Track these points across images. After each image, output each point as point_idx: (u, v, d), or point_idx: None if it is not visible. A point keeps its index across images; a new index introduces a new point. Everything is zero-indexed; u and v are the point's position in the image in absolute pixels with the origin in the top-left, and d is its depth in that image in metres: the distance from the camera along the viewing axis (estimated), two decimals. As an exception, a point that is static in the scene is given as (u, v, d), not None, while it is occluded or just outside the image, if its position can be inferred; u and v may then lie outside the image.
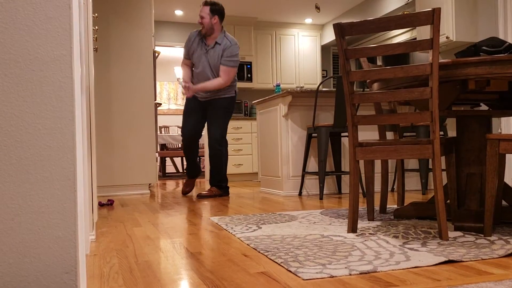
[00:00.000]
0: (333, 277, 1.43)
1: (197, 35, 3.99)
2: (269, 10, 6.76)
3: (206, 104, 4.05)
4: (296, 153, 4.09)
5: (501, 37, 4.38)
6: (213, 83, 3.86)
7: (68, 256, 1.09)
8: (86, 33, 2.05)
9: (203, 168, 8.56)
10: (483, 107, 3.99)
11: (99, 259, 1.78)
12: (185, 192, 4.34)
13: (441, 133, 3.99)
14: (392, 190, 4.20)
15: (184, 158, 4.25)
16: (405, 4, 5.58)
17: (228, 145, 4.36)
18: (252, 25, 7.03)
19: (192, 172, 4.27)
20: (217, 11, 3.84)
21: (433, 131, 1.93)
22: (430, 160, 4.05)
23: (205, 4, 3.85)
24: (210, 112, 4.01)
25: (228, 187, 4.17)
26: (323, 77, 7.67)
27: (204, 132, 6.76)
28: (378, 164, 4.14)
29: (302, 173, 3.95)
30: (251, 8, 6.64)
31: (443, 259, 1.57)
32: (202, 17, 3.83)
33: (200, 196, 4.01)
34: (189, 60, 4.11)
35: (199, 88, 3.89)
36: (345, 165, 4.20)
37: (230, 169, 6.38)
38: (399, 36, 6.02)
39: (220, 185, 4.10)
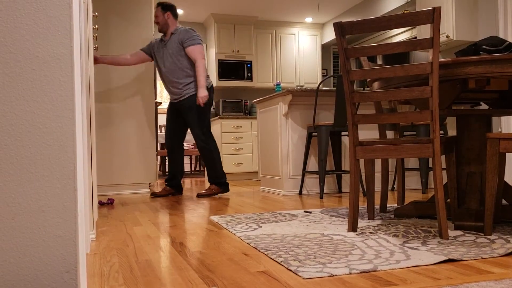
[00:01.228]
0: (333, 276, 1.43)
1: (159, 41, 4.15)
2: (269, 9, 6.76)
3: (178, 106, 4.09)
4: (296, 152, 4.09)
5: (501, 36, 4.37)
6: (199, 72, 3.89)
7: (68, 255, 1.10)
8: (86, 32, 2.05)
9: (197, 168, 8.53)
10: (483, 106, 3.99)
11: (99, 258, 1.78)
12: (153, 192, 4.20)
13: (441, 132, 3.99)
14: (393, 189, 4.20)
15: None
16: (405, 3, 5.58)
17: (215, 140, 4.28)
18: (252, 24, 7.03)
19: (170, 180, 4.24)
20: (168, 7, 4.05)
21: (433, 130, 1.93)
22: (430, 159, 4.06)
23: (157, 6, 4.07)
24: (184, 116, 4.06)
25: (227, 183, 4.12)
26: (323, 76, 7.67)
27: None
28: (378, 163, 4.14)
29: (302, 172, 3.95)
30: (251, 7, 6.63)
31: (443, 258, 1.57)
32: (156, 17, 4.04)
33: (200, 195, 4.00)
34: (142, 52, 4.19)
35: (202, 87, 3.89)
36: (345, 164, 4.20)
37: (230, 168, 6.38)
38: (399, 35, 6.01)
39: (219, 182, 4.06)
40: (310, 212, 2.74)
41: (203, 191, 4.04)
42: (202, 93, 3.86)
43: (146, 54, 4.19)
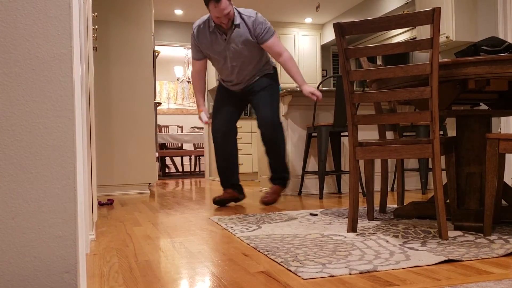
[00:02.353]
0: (333, 276, 1.43)
1: (203, 28, 3.28)
2: (269, 10, 6.76)
3: (245, 93, 3.39)
4: (296, 152, 4.09)
5: (501, 36, 4.38)
6: (292, 68, 3.23)
7: (68, 256, 1.09)
8: (86, 32, 2.05)
9: (196, 169, 8.54)
10: (483, 106, 3.99)
11: (99, 259, 1.78)
12: (215, 200, 3.37)
13: (441, 132, 3.99)
14: (392, 189, 4.20)
15: (216, 164, 3.48)
16: (405, 3, 5.58)
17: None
18: (252, 25, 7.03)
19: (226, 180, 3.41)
20: None
21: (433, 131, 1.93)
22: (430, 160, 4.06)
23: None
24: (252, 98, 3.34)
25: (288, 177, 3.42)
26: (323, 76, 7.67)
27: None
28: (378, 163, 4.14)
29: (302, 172, 3.95)
30: (250, 8, 6.63)
31: (443, 258, 1.58)
32: (227, 13, 3.08)
33: (265, 203, 3.28)
34: (203, 60, 3.40)
35: (304, 83, 3.25)
36: (345, 165, 4.20)
37: (230, 168, 6.37)
38: (399, 35, 6.02)
39: (283, 177, 3.38)
40: (316, 215, 2.72)
41: (267, 198, 3.30)
42: (310, 88, 3.22)
43: (203, 62, 3.44)
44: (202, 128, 8.84)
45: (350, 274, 1.44)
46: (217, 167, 3.41)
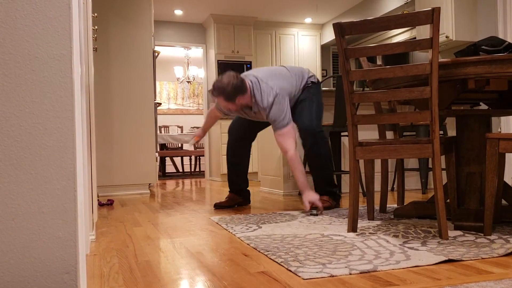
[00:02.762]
0: (333, 276, 1.43)
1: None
2: (269, 10, 6.76)
3: None
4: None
5: (501, 36, 4.38)
6: (295, 167, 2.89)
7: (68, 256, 1.09)
8: (85, 33, 2.05)
9: (196, 169, 8.53)
10: (483, 106, 3.99)
11: (99, 259, 1.78)
12: (216, 204, 3.30)
13: (441, 132, 3.99)
14: (392, 189, 4.20)
15: (226, 165, 3.33)
16: (405, 3, 5.58)
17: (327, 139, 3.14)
18: (251, 25, 7.03)
19: (231, 183, 3.33)
20: (233, 93, 2.82)
21: (433, 131, 1.93)
22: (430, 160, 4.05)
23: (217, 95, 2.86)
24: (294, 108, 3.11)
25: (339, 195, 3.14)
26: (323, 76, 7.67)
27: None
28: (378, 163, 4.14)
29: (302, 172, 3.94)
30: (250, 8, 6.63)
31: (443, 258, 1.57)
32: (229, 110, 3.00)
33: (312, 213, 2.81)
34: (220, 112, 3.31)
35: (306, 188, 2.86)
36: (345, 165, 4.20)
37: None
38: (399, 35, 6.02)
39: (330, 191, 3.07)
40: (316, 215, 2.70)
41: (316, 211, 2.84)
42: (310, 197, 2.80)
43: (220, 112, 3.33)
44: (202, 128, 8.83)
45: (350, 274, 1.44)
46: (227, 168, 3.35)
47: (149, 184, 4.86)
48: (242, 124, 3.26)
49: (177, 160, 9.30)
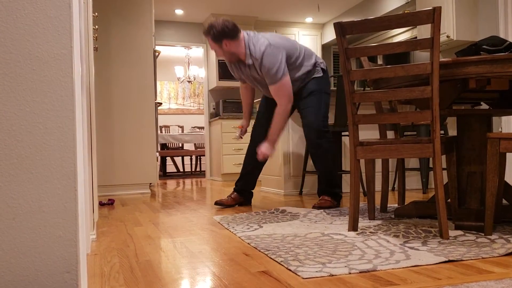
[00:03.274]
0: (332, 275, 1.43)
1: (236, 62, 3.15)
2: (270, 9, 6.76)
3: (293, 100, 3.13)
4: (296, 152, 4.09)
5: (502, 36, 4.37)
6: (275, 120, 2.93)
7: (69, 256, 1.10)
8: (86, 32, 2.05)
9: (197, 169, 8.54)
10: (484, 106, 3.99)
11: (100, 259, 1.78)
12: (216, 202, 3.30)
13: (442, 132, 3.99)
14: (393, 189, 4.20)
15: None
16: (406, 3, 5.58)
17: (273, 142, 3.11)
18: (252, 24, 7.03)
19: (241, 185, 3.31)
20: (220, 34, 2.88)
21: (434, 130, 1.93)
22: (431, 159, 4.05)
23: (206, 34, 2.95)
24: (299, 104, 3.10)
25: (340, 196, 3.12)
26: (323, 76, 7.66)
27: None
28: (378, 163, 4.14)
29: (303, 172, 3.95)
30: (251, 7, 6.63)
31: (443, 259, 1.57)
32: (215, 51, 3.03)
33: (316, 207, 2.99)
34: (243, 81, 3.32)
35: (271, 142, 2.97)
36: (346, 164, 4.20)
37: (231, 168, 6.38)
38: (400, 35, 6.01)
39: (333, 192, 3.08)
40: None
41: (317, 203, 3.02)
42: (264, 148, 2.95)
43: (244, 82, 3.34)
44: (202, 128, 8.84)
45: (350, 273, 1.44)
46: (242, 168, 3.34)
47: (150, 183, 4.86)
48: (262, 128, 3.25)
49: (178, 159, 9.30)
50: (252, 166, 3.29)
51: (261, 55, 2.88)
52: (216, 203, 3.28)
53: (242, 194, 3.33)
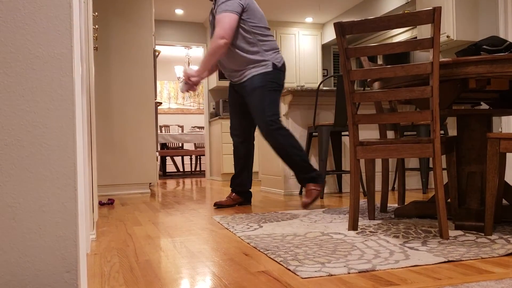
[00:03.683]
0: (331, 275, 1.43)
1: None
2: (270, 9, 6.76)
3: (241, 91, 3.15)
4: (296, 152, 4.09)
5: (502, 36, 4.37)
6: (205, 54, 2.83)
7: (68, 255, 1.10)
8: (86, 32, 2.05)
9: (197, 169, 8.53)
10: (484, 106, 3.99)
11: (99, 258, 1.78)
12: (216, 203, 3.28)
13: (442, 132, 3.99)
14: (393, 189, 4.20)
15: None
16: (406, 3, 5.58)
17: (254, 134, 3.30)
18: (252, 24, 7.02)
19: (235, 184, 3.32)
20: None
21: (434, 130, 1.93)
22: (431, 159, 4.05)
23: None
24: (246, 101, 3.13)
25: (323, 176, 3.12)
26: (323, 76, 7.67)
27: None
28: (378, 163, 4.14)
29: (303, 172, 3.95)
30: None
31: (443, 259, 1.57)
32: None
33: (304, 205, 3.00)
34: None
35: (197, 72, 3.09)
36: (346, 164, 4.20)
37: (231, 168, 6.38)
38: (400, 35, 6.01)
39: (312, 177, 3.04)
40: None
41: (306, 200, 3.01)
42: (190, 70, 3.09)
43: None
44: (202, 127, 8.84)
45: (349, 273, 1.44)
46: (234, 168, 3.37)
47: (150, 183, 4.86)
48: (235, 122, 3.29)
49: (178, 159, 9.30)
50: (241, 167, 3.30)
51: None
52: (215, 205, 3.27)
53: (241, 194, 3.33)
